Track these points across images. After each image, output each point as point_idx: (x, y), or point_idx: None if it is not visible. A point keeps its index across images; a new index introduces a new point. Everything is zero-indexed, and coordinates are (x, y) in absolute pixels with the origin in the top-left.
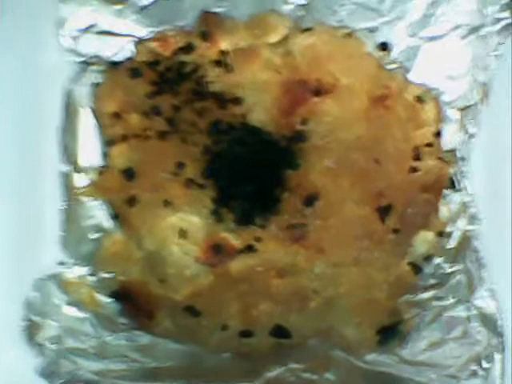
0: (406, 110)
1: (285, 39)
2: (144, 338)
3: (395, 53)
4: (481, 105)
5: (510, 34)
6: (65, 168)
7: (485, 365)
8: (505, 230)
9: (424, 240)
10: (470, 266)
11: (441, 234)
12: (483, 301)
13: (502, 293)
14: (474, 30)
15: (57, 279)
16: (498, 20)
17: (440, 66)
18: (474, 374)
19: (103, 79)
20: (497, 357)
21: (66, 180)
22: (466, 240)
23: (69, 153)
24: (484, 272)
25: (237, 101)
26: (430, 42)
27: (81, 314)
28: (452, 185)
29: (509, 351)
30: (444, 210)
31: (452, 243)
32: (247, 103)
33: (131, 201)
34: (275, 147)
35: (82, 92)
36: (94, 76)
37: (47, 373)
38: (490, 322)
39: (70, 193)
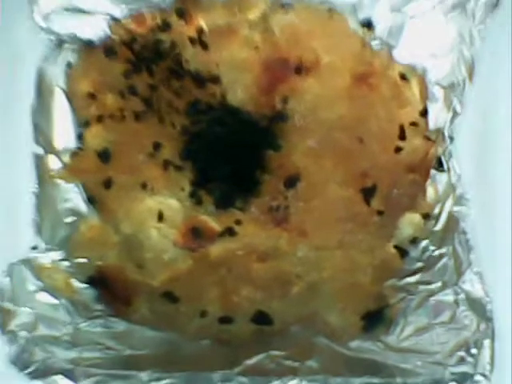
0: (390, 88)
1: (264, 16)
2: (120, 325)
3: (379, 30)
4: (467, 82)
5: (495, 8)
6: (39, 150)
7: (473, 351)
8: (493, 210)
9: (410, 222)
10: (458, 249)
11: (427, 216)
12: (471, 284)
13: (491, 275)
14: (459, 4)
15: (30, 264)
16: None
17: (425, 43)
18: (462, 360)
19: (77, 58)
20: (486, 343)
21: (40, 162)
22: (453, 222)
23: (43, 134)
24: (472, 254)
25: (215, 80)
26: (414, 18)
27: (55, 301)
28: (439, 165)
29: (499, 336)
30: (431, 191)
31: (439, 225)
32: (226, 82)
33: (107, 183)
34: (255, 127)
35: (56, 72)
36: (68, 55)
37: (19, 361)
38: (478, 307)
39: (44, 175)
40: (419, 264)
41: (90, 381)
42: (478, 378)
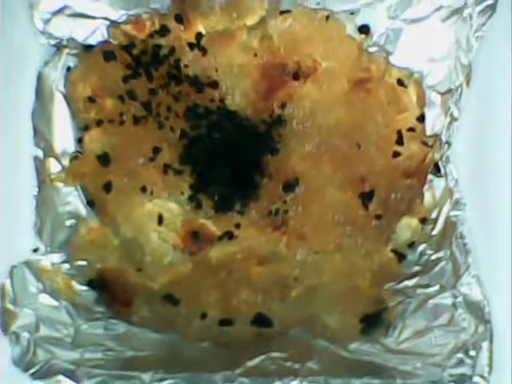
0: (387, 93)
1: (262, 22)
2: (121, 327)
3: (376, 36)
4: (464, 87)
5: (492, 14)
6: (39, 153)
7: (471, 353)
8: (490, 214)
9: (408, 226)
10: (455, 252)
11: (425, 221)
12: (469, 287)
13: (489, 279)
14: (456, 11)
15: (32, 267)
16: (480, 1)
17: (422, 49)
18: (461, 362)
19: (77, 63)
20: (484, 345)
21: (40, 165)
22: (451, 226)
23: (43, 138)
24: (469, 258)
25: (214, 85)
26: (411, 24)
27: (56, 303)
28: (436, 170)
29: (497, 338)
30: (428, 196)
31: (436, 229)
32: (224, 87)
33: (107, 187)
34: (254, 132)
35: (56, 76)
36: (68, 59)
37: (22, 362)
38: (476, 309)
39: (45, 179)
40: (417, 268)
41: (92, 381)
42: (476, 379)
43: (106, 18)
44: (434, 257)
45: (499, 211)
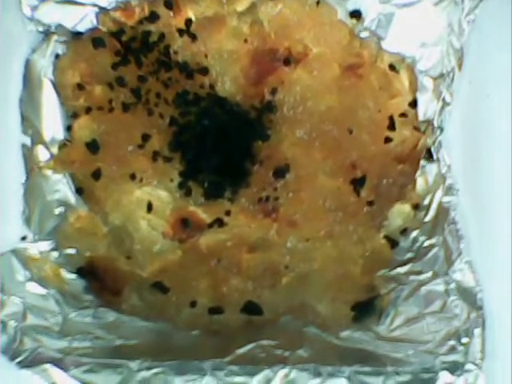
0: (379, 78)
1: (252, 7)
2: (110, 316)
3: (368, 20)
4: (456, 72)
5: None
6: (27, 141)
7: (464, 340)
8: (482, 200)
9: (400, 213)
10: (448, 239)
11: (417, 207)
12: (461, 274)
13: (481, 265)
14: None
15: (19, 255)
16: None
17: (414, 34)
18: (453, 349)
19: (66, 50)
20: (476, 331)
21: (29, 153)
22: (443, 212)
23: (31, 125)
24: (462, 244)
25: (204, 71)
26: (403, 8)
27: (44, 291)
28: (429, 155)
29: (490, 325)
30: (420, 182)
31: (429, 216)
32: (214, 73)
33: (96, 174)
34: (244, 118)
35: (45, 63)
36: (56, 46)
37: (9, 350)
38: (468, 296)
39: (33, 166)
40: (409, 254)
41: (80, 370)
42: (469, 366)
43: (94, 5)
44: (426, 243)
45: (492, 197)
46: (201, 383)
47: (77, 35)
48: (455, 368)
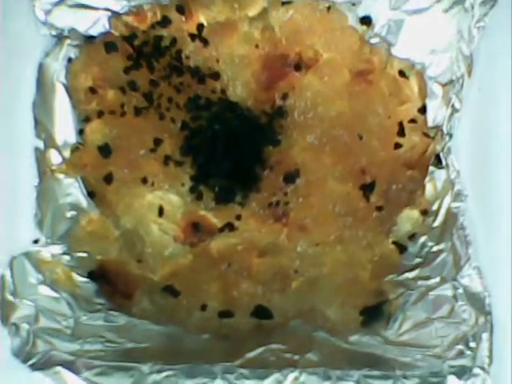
0: (389, 84)
1: (264, 13)
2: (121, 319)
3: (378, 27)
4: (466, 78)
5: (494, 5)
6: (40, 144)
7: (472, 344)
8: (491, 206)
9: (409, 218)
10: (456, 244)
11: (426, 212)
12: (469, 279)
13: (489, 270)
14: (458, 2)
15: (32, 258)
16: None
17: (424, 40)
18: (461, 353)
19: (78, 53)
20: (484, 336)
21: (41, 157)
22: (452, 217)
23: (44, 129)
24: (470, 249)
25: (215, 76)
26: (412, 15)
27: (56, 294)
28: (438, 161)
29: (497, 330)
30: (429, 188)
31: (437, 221)
32: (225, 78)
33: (108, 178)
34: (255, 123)
35: (58, 67)
36: (69, 50)
37: (21, 353)
38: (476, 301)
39: (45, 170)
40: (418, 259)
41: (92, 372)
42: (476, 371)
43: (107, 9)
44: (434, 249)
45: (500, 202)
46: None
47: (89, 39)
48: (463, 372)
